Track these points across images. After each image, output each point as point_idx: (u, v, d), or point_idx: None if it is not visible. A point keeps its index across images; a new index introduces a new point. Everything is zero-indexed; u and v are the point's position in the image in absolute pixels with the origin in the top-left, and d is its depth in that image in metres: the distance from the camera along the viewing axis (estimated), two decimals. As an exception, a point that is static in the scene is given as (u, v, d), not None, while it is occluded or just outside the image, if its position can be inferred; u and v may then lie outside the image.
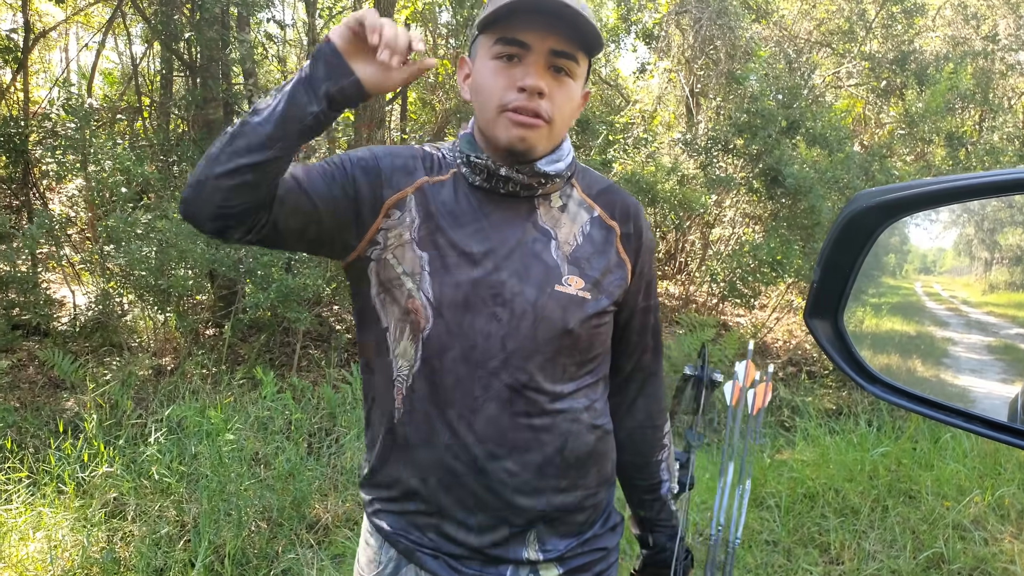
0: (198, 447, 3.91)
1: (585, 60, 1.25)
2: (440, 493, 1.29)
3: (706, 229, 9.05)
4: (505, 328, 1.24)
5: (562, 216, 1.31)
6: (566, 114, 1.25)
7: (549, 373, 1.27)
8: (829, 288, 0.86)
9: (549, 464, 1.29)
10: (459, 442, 1.26)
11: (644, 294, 1.39)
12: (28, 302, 5.33)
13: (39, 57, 9.22)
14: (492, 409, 1.25)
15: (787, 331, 8.42)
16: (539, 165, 1.26)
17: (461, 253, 1.25)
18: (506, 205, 1.29)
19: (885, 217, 0.80)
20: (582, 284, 1.27)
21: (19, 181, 6.77)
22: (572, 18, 1.16)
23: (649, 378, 1.45)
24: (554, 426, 1.28)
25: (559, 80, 1.22)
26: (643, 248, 1.36)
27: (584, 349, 1.29)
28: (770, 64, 8.42)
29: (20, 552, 3.08)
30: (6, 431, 4.03)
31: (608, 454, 1.39)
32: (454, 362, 1.24)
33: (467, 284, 1.24)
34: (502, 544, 1.29)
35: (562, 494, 1.31)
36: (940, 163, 8.74)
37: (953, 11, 11.31)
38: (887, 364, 0.94)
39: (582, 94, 1.31)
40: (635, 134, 8.95)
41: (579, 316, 1.26)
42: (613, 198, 1.37)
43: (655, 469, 1.48)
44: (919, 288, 1.00)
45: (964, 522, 3.80)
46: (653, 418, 1.45)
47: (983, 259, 0.93)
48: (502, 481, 1.26)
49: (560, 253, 1.28)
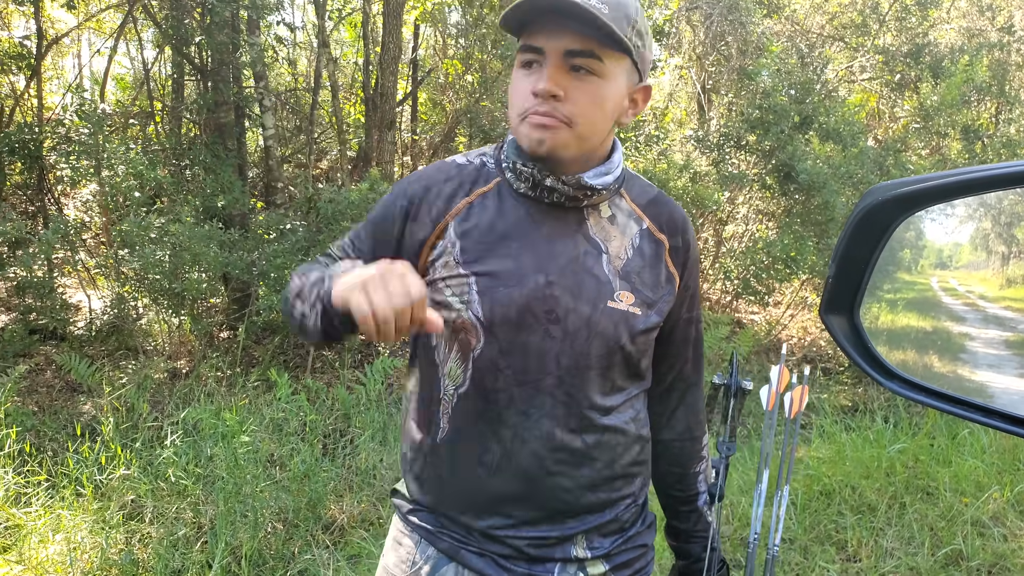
0: (214, 449, 3.93)
1: (617, 56, 1.17)
2: (489, 509, 1.29)
3: (719, 226, 9.01)
4: (559, 346, 1.23)
5: (612, 228, 1.28)
6: (592, 115, 1.19)
7: (600, 388, 1.27)
8: (845, 283, 0.85)
9: (600, 477, 1.30)
10: (511, 461, 1.26)
11: (688, 306, 1.37)
12: (45, 307, 5.38)
13: (52, 64, 9.29)
14: (546, 426, 1.25)
15: (802, 328, 8.38)
16: (586, 178, 1.22)
17: (511, 270, 1.23)
18: (555, 215, 1.26)
19: (901, 211, 0.79)
20: (633, 299, 1.26)
21: (34, 187, 6.83)
22: (582, 15, 1.11)
23: (689, 389, 1.44)
24: (605, 440, 1.29)
25: (581, 80, 1.16)
26: (690, 261, 1.35)
27: (634, 364, 1.30)
28: (782, 59, 8.38)
29: (40, 554, 3.10)
30: (25, 435, 4.06)
31: (649, 461, 1.41)
32: (507, 381, 1.24)
33: (520, 302, 1.22)
34: (551, 546, 1.31)
35: (611, 501, 1.33)
36: (956, 157, 8.68)
37: (968, 2, 11.22)
38: (904, 360, 0.93)
39: (631, 90, 1.24)
40: (647, 131, 8.93)
41: (631, 332, 1.25)
42: (661, 209, 1.34)
43: (692, 481, 1.47)
44: (935, 283, 0.99)
45: (983, 518, 3.76)
46: (692, 429, 1.45)
47: (1000, 253, 0.92)
48: (555, 497, 1.28)
49: (611, 268, 1.26)
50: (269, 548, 3.36)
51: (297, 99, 9.74)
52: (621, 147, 1.32)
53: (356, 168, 8.45)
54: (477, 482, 1.28)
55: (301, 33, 9.93)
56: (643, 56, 1.21)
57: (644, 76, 1.25)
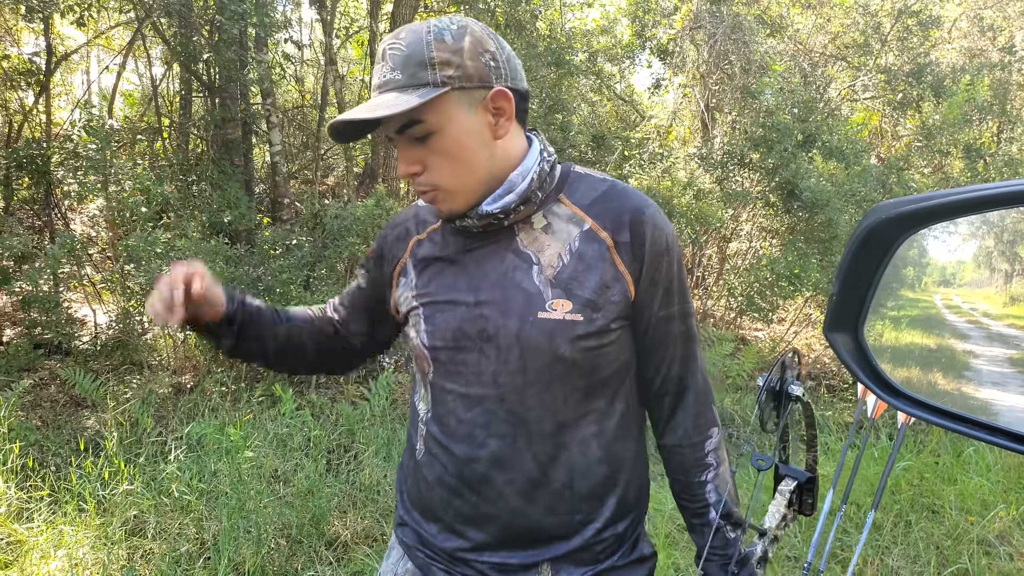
0: (217, 464, 3.93)
1: (437, 104, 1.12)
2: (456, 526, 1.30)
3: (723, 243, 9.02)
4: (494, 364, 1.21)
5: (546, 237, 1.23)
6: (457, 167, 1.17)
7: (548, 404, 1.22)
8: (849, 301, 0.85)
9: (558, 498, 1.25)
10: (465, 482, 1.26)
11: (662, 302, 1.26)
12: (50, 321, 5.39)
13: (61, 80, 9.36)
14: (494, 446, 1.23)
15: (806, 345, 8.36)
16: (483, 207, 1.21)
17: (447, 296, 1.26)
18: (487, 238, 1.26)
19: (904, 229, 0.79)
20: (569, 307, 1.19)
21: (42, 202, 6.86)
22: (375, 121, 1.17)
23: (684, 391, 1.32)
24: (559, 459, 1.24)
25: (427, 145, 1.16)
26: (648, 254, 1.22)
27: (587, 373, 1.22)
28: (785, 78, 8.42)
29: (42, 570, 3.10)
30: (28, 450, 4.06)
31: (630, 481, 1.33)
32: (455, 403, 1.26)
33: (454, 324, 1.24)
34: (514, 572, 1.29)
35: (578, 528, 1.28)
36: (958, 175, 8.69)
37: (969, 23, 11.27)
38: (907, 377, 0.93)
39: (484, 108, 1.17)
40: (651, 149, 8.97)
41: (569, 340, 1.19)
42: (608, 206, 1.24)
43: (699, 491, 1.34)
44: (939, 300, 0.99)
45: (989, 537, 3.74)
46: (690, 436, 1.33)
47: (1003, 271, 0.93)
48: (511, 520, 1.26)
49: (543, 278, 1.21)
50: (272, 564, 3.35)
51: (304, 116, 9.79)
52: (536, 155, 1.25)
53: (362, 184, 8.49)
54: (441, 503, 1.30)
55: (308, 51, 10.01)
56: (467, 74, 1.13)
57: (488, 82, 1.16)
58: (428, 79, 1.11)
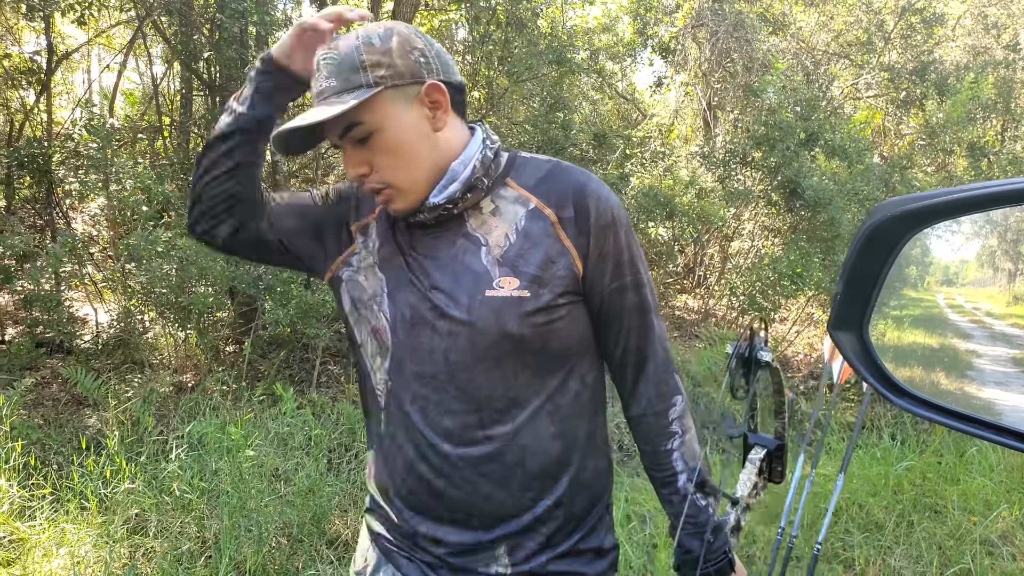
0: (219, 463, 3.93)
1: (373, 103, 1.18)
2: (413, 505, 1.32)
3: (725, 242, 9.01)
4: (446, 341, 1.23)
5: (494, 219, 1.27)
6: (403, 164, 1.22)
7: (498, 381, 1.24)
8: (853, 300, 0.85)
9: (511, 475, 1.26)
10: (422, 457, 1.28)
11: (613, 274, 1.27)
12: (52, 320, 5.39)
13: (62, 79, 9.36)
14: (447, 423, 1.25)
15: (808, 344, 8.35)
16: (430, 200, 1.25)
17: (409, 275, 1.28)
18: (440, 227, 1.29)
19: (909, 227, 0.79)
20: (516, 283, 1.22)
21: (43, 201, 6.86)
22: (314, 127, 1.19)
23: (644, 361, 1.33)
24: (512, 435, 1.25)
25: (369, 145, 1.21)
26: (594, 227, 1.24)
27: (536, 350, 1.24)
28: (788, 76, 8.41)
29: (44, 568, 3.10)
30: (30, 448, 4.06)
31: (585, 461, 1.33)
32: (411, 379, 1.27)
33: (412, 302, 1.26)
34: (471, 554, 1.30)
35: (529, 505, 1.29)
36: (962, 173, 8.68)
37: (973, 21, 11.25)
38: (910, 377, 0.93)
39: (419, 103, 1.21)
40: (652, 148, 8.96)
41: (517, 316, 1.21)
42: (552, 184, 1.27)
43: (666, 459, 1.33)
44: (942, 300, 0.99)
45: (992, 537, 3.73)
46: (654, 404, 1.33)
47: (1007, 270, 0.92)
48: (466, 495, 1.27)
49: (491, 258, 1.24)
50: (273, 563, 3.35)
51: (304, 114, 9.78)
52: (478, 143, 1.28)
53: (362, 183, 8.47)
54: (400, 482, 1.32)
55: (309, 49, 9.99)
56: (398, 72, 1.18)
57: (420, 76, 1.20)
58: (361, 81, 1.17)
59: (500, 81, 8.20)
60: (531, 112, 8.70)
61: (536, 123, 8.07)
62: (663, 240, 9.18)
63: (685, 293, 9.48)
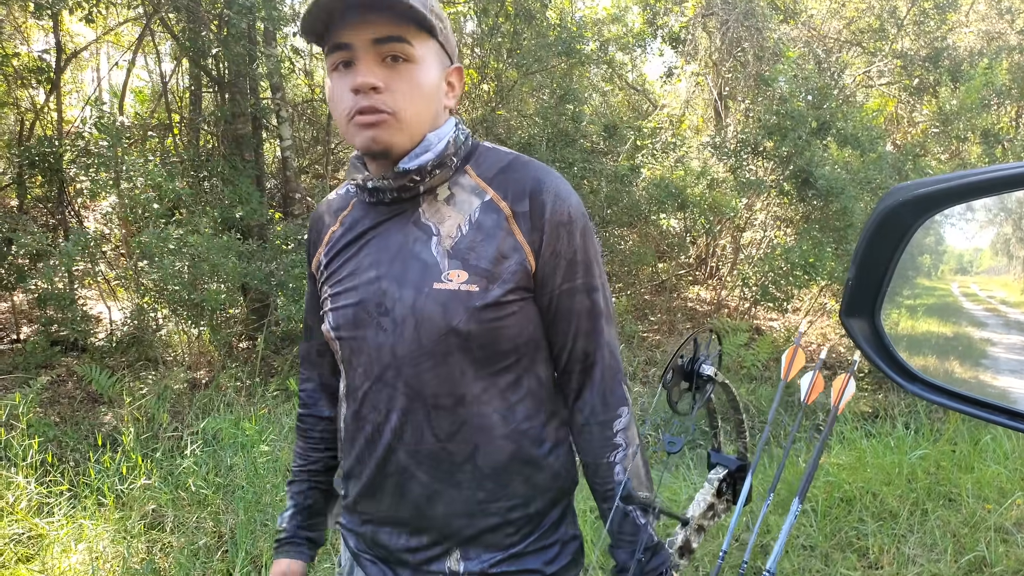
0: (233, 459, 3.95)
1: (424, 38, 1.17)
2: (371, 506, 1.31)
3: (737, 233, 8.98)
4: (392, 337, 1.20)
5: (448, 208, 1.23)
6: (416, 102, 1.18)
7: (444, 378, 1.20)
8: (865, 286, 0.84)
9: (461, 474, 1.23)
10: (374, 456, 1.26)
11: (565, 274, 1.23)
12: (66, 318, 5.43)
13: (71, 77, 9.41)
14: (395, 420, 1.22)
15: (821, 334, 8.32)
16: (401, 164, 1.20)
17: (351, 274, 1.26)
18: (393, 212, 1.25)
19: (921, 211, 0.78)
20: (465, 277, 1.18)
21: (55, 200, 6.91)
22: (391, 2, 1.11)
23: (591, 368, 1.28)
24: (461, 434, 1.22)
25: (396, 68, 1.15)
26: (549, 224, 1.20)
27: (484, 346, 1.20)
28: (799, 65, 8.35)
29: (63, 564, 3.13)
30: (47, 445, 4.10)
31: (540, 461, 1.28)
32: (360, 379, 1.25)
33: (354, 300, 1.24)
34: (425, 551, 1.28)
35: (481, 505, 1.25)
36: (976, 161, 8.62)
37: (987, 6, 11.14)
38: (924, 366, 0.92)
39: (446, 73, 1.23)
40: (663, 139, 8.92)
41: (464, 311, 1.17)
42: (510, 176, 1.23)
43: (607, 472, 1.28)
44: (955, 288, 0.98)
45: (1006, 525, 3.71)
46: (597, 413, 1.28)
47: (1021, 258, 0.91)
48: (418, 495, 1.25)
49: (441, 249, 1.20)
50: (288, 557, 3.37)
51: (314, 110, 9.81)
52: (453, 124, 1.26)
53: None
54: (357, 483, 1.31)
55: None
56: (447, 37, 1.22)
57: (453, 58, 1.25)
58: (426, 12, 1.14)
59: (509, 74, 8.18)
60: (541, 104, 8.68)
61: (546, 115, 8.05)
62: (675, 231, 9.15)
63: (697, 284, 9.45)
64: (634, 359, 7.01)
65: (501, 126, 7.98)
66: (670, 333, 7.99)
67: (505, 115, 8.37)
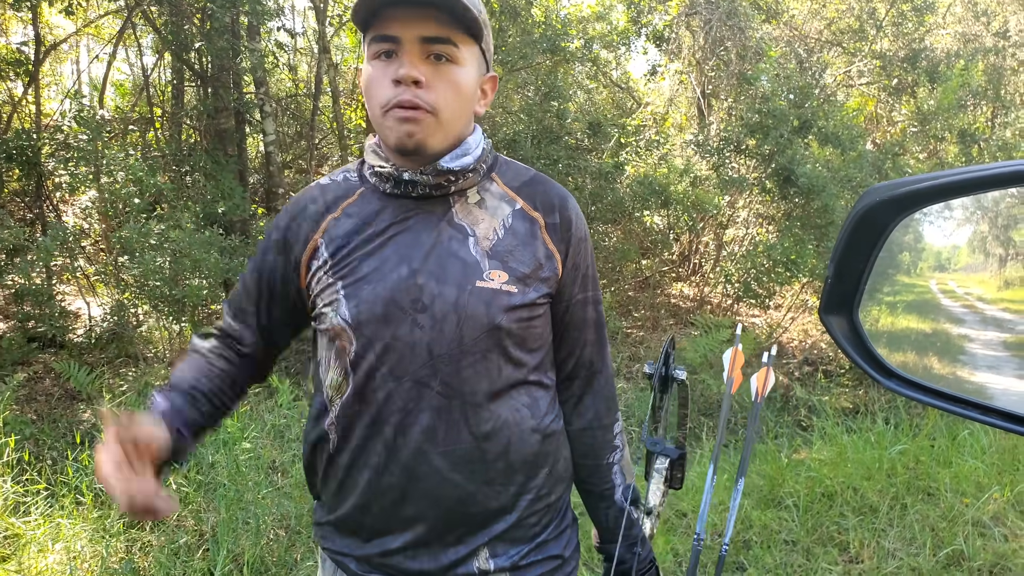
0: (215, 456, 3.93)
1: (469, 42, 1.19)
2: (382, 517, 1.26)
3: (719, 230, 9.02)
4: (429, 334, 1.18)
5: (480, 211, 1.25)
6: (455, 102, 1.19)
7: (483, 375, 1.21)
8: (844, 283, 0.85)
9: (494, 470, 1.24)
10: (396, 459, 1.22)
11: (580, 286, 1.31)
12: (43, 314, 5.37)
13: (50, 70, 9.31)
14: (426, 420, 1.20)
15: (802, 331, 8.38)
16: (442, 163, 1.21)
17: (375, 267, 1.21)
18: (421, 209, 1.24)
19: (899, 210, 0.79)
20: (506, 277, 1.21)
21: (32, 194, 6.83)
22: (437, 1, 1.12)
23: (595, 375, 1.36)
24: (494, 430, 1.22)
25: (439, 68, 1.16)
26: (573, 238, 1.29)
27: (517, 344, 1.23)
28: (781, 64, 8.41)
29: (39, 564, 3.10)
30: (24, 443, 4.05)
31: (558, 452, 1.33)
32: (383, 379, 1.20)
33: (384, 295, 1.19)
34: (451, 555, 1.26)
35: (512, 499, 1.27)
36: (953, 160, 8.71)
37: (963, 8, 11.26)
38: (903, 362, 0.93)
39: (481, 80, 1.25)
40: (647, 136, 8.95)
41: (504, 310, 1.20)
42: (536, 189, 1.30)
43: (607, 473, 1.37)
44: (934, 285, 0.99)
45: (984, 519, 3.76)
46: (601, 417, 1.36)
47: (998, 255, 0.92)
48: (446, 494, 1.22)
49: (479, 249, 1.22)
50: (271, 555, 3.36)
51: (298, 105, 9.76)
52: (481, 131, 1.31)
53: (356, 174, 8.44)
54: (368, 488, 1.25)
55: (301, 39, 9.95)
56: (489, 45, 1.25)
57: (489, 66, 1.28)
58: (477, 19, 1.16)
59: (495, 69, 8.18)
60: (526, 101, 8.68)
61: (531, 112, 8.05)
62: (658, 228, 9.19)
63: (680, 281, 9.49)
64: (618, 355, 7.03)
65: (486, 123, 7.96)
66: (653, 329, 8.02)
67: (490, 111, 8.36)
